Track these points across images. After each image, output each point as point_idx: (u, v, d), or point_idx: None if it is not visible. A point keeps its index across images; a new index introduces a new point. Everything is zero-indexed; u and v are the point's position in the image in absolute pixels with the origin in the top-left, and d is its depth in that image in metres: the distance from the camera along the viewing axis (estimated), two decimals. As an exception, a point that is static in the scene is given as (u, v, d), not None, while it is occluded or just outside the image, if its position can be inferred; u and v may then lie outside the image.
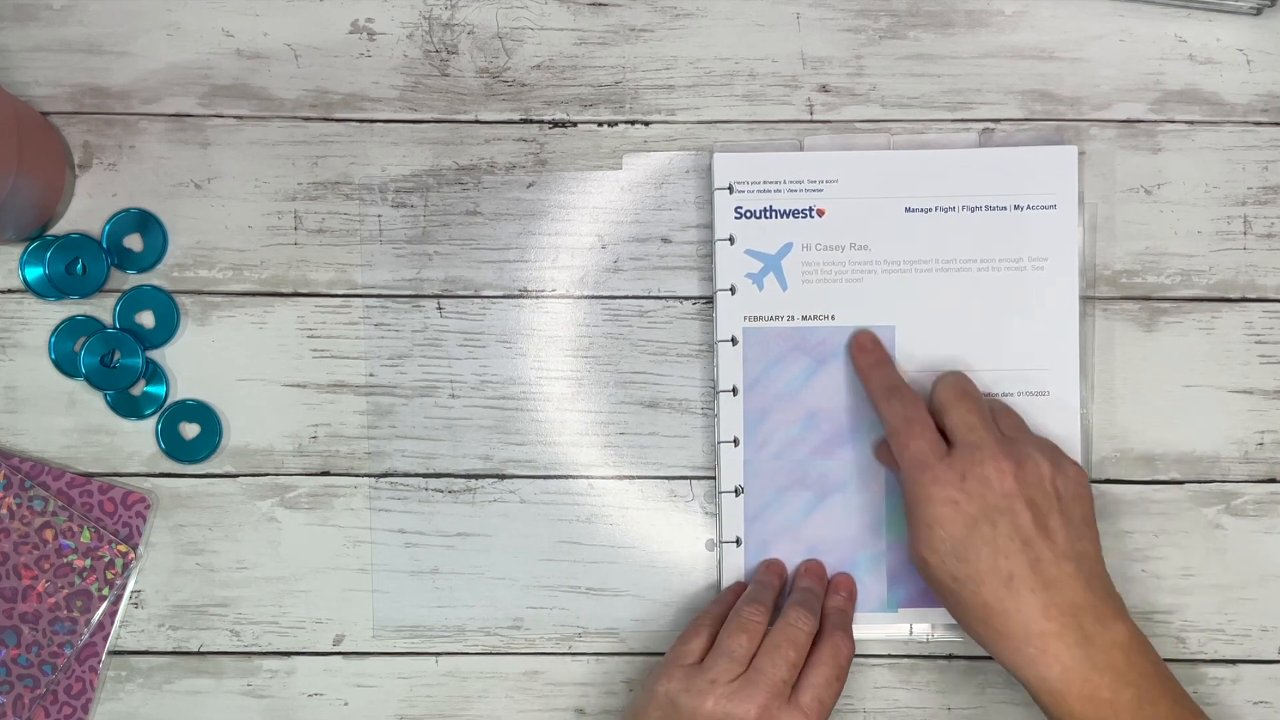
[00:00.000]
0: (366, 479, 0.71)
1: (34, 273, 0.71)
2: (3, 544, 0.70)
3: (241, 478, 0.71)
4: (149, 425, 0.71)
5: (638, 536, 0.71)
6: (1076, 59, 0.71)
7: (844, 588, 0.69)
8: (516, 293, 0.71)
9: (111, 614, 0.71)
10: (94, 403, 0.71)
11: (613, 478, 0.71)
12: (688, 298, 0.71)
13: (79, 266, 0.71)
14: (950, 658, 0.71)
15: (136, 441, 0.71)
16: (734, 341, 0.70)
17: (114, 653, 0.71)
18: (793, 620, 0.64)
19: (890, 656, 0.71)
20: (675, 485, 0.71)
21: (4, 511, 0.70)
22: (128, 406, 0.71)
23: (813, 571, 0.69)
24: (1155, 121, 0.71)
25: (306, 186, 0.71)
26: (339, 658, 0.71)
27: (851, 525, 0.70)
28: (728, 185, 0.70)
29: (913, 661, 0.71)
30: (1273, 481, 0.71)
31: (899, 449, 0.64)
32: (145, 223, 0.71)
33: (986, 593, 0.61)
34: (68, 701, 0.70)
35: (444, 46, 0.71)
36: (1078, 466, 0.65)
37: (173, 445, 0.71)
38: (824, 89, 0.71)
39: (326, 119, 0.71)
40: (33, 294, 0.71)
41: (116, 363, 0.71)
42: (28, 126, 0.66)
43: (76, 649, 0.70)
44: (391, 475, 0.71)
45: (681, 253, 0.71)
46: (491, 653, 0.71)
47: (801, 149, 0.71)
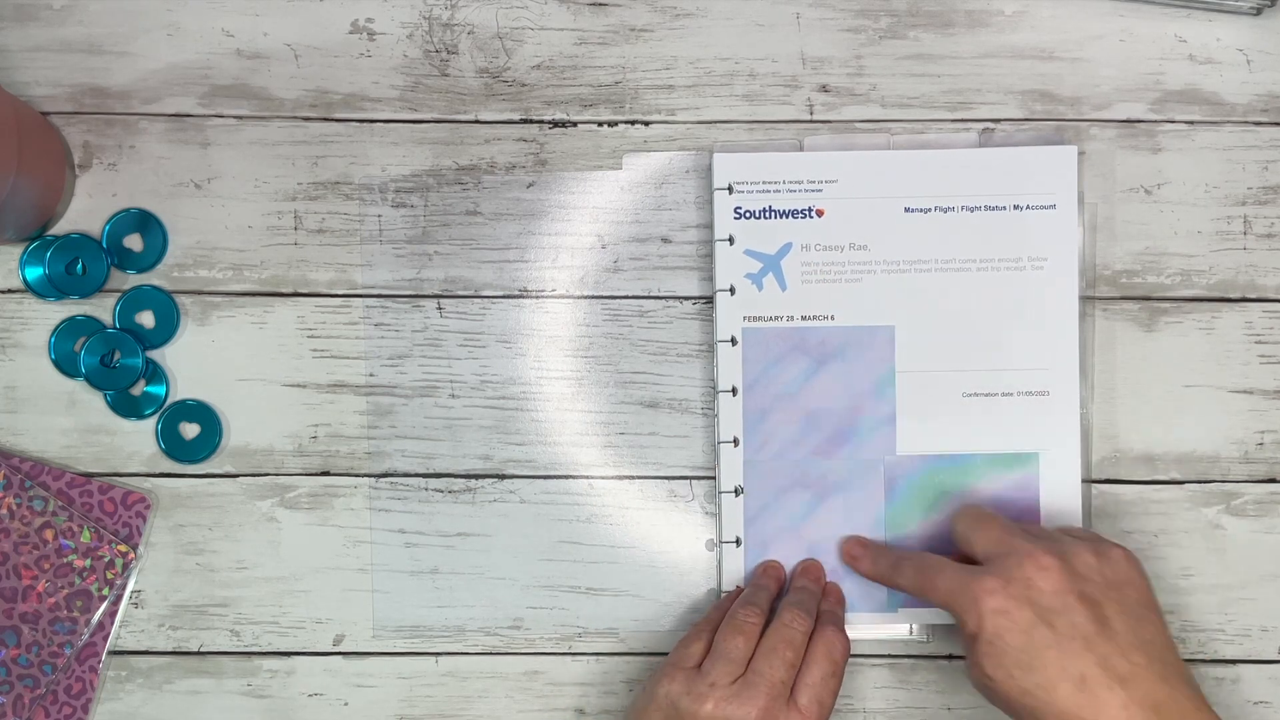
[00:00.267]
0: (366, 479, 0.71)
1: (34, 273, 0.71)
2: (3, 544, 0.70)
3: (241, 478, 0.71)
4: (149, 425, 0.71)
5: (638, 536, 0.71)
6: (1076, 59, 0.71)
7: (832, 594, 0.69)
8: (516, 293, 0.71)
9: (111, 614, 0.71)
10: (94, 403, 0.71)
11: (613, 478, 0.71)
12: (688, 298, 0.71)
13: (79, 266, 0.71)
14: (950, 658, 0.71)
15: (136, 441, 0.71)
16: (734, 341, 0.70)
17: (114, 653, 0.71)
18: (788, 621, 0.64)
19: (890, 656, 0.71)
20: (675, 485, 0.71)
21: (4, 511, 0.70)
22: (128, 406, 0.71)
23: (809, 572, 0.69)
24: (1155, 121, 0.71)
25: (306, 186, 0.71)
26: (339, 658, 0.71)
27: (851, 525, 0.70)
28: (727, 185, 0.70)
29: (913, 661, 0.71)
30: (1273, 481, 0.71)
31: (933, 596, 0.63)
32: (145, 223, 0.71)
33: (1062, 699, 0.58)
34: (68, 701, 0.70)
35: (444, 46, 0.71)
36: (1122, 549, 0.62)
37: (173, 445, 0.71)
38: (824, 89, 0.71)
39: (326, 119, 0.71)
40: (33, 294, 0.71)
41: (116, 363, 0.71)
42: (28, 126, 0.66)
43: (76, 649, 0.70)
44: (391, 475, 0.71)
45: (681, 253, 0.71)
46: (491, 653, 0.71)
47: (801, 149, 0.71)
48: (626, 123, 0.71)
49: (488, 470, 0.71)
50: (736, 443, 0.70)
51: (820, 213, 0.70)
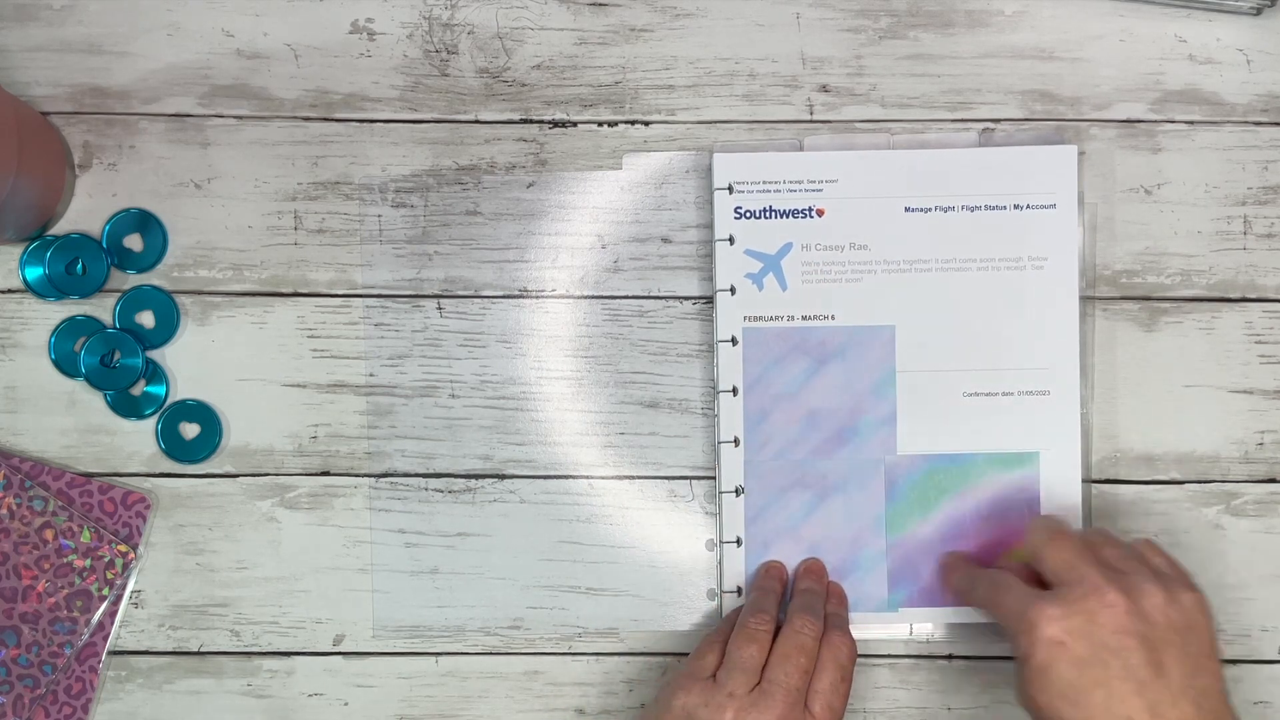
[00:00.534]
0: (366, 479, 0.71)
1: (34, 273, 0.71)
2: (3, 544, 0.70)
3: (241, 478, 0.71)
4: (149, 425, 0.71)
5: (638, 536, 0.71)
6: (1076, 59, 0.71)
7: (835, 595, 0.69)
8: (516, 293, 0.71)
9: (111, 614, 0.71)
10: (94, 403, 0.71)
11: (613, 478, 0.71)
12: (688, 298, 0.71)
13: (79, 266, 0.71)
14: (950, 658, 0.71)
15: (136, 441, 0.71)
16: (734, 341, 0.70)
17: (114, 653, 0.71)
18: (798, 627, 0.64)
19: (890, 656, 0.71)
20: (675, 485, 0.71)
21: (4, 511, 0.70)
22: (128, 406, 0.71)
23: (812, 571, 0.69)
24: (1155, 121, 0.71)
25: (306, 186, 0.71)
26: (339, 658, 0.71)
27: (851, 525, 0.70)
28: (727, 185, 0.70)
29: (913, 661, 0.71)
30: (1273, 481, 0.71)
31: (997, 613, 0.62)
32: (145, 223, 0.71)
33: None
34: (68, 701, 0.70)
35: (444, 46, 0.71)
36: (1195, 593, 0.60)
37: (173, 445, 0.71)
38: (824, 89, 0.71)
39: (326, 119, 0.71)
40: (33, 294, 0.71)
41: (116, 363, 0.71)
42: (28, 126, 0.66)
43: (76, 649, 0.70)
44: (391, 475, 0.71)
45: (681, 253, 0.71)
46: (491, 653, 0.71)
47: (801, 149, 0.71)
48: (626, 123, 0.71)
49: (488, 470, 0.71)
50: (737, 443, 0.70)
51: (820, 212, 0.70)
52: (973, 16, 0.71)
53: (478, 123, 0.71)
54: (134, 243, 0.71)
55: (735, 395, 0.70)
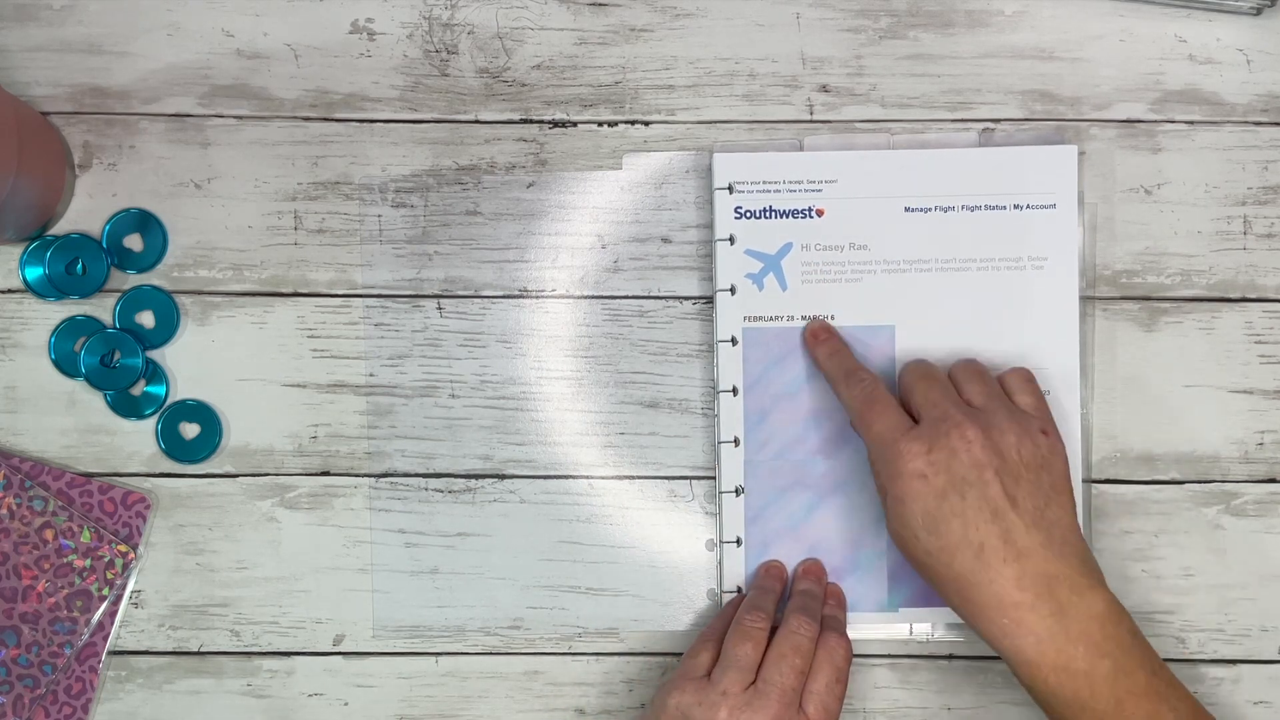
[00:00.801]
0: (366, 479, 0.71)
1: (34, 273, 0.71)
2: (3, 544, 0.70)
3: (241, 478, 0.71)
4: (149, 425, 0.71)
5: (638, 536, 0.71)
6: (1076, 59, 0.71)
7: (833, 596, 0.69)
8: (516, 293, 0.71)
9: (111, 614, 0.71)
10: (94, 403, 0.71)
11: (613, 478, 0.71)
12: (688, 298, 0.71)
13: (79, 266, 0.71)
14: (950, 658, 0.71)
15: (136, 441, 0.71)
16: (734, 341, 0.70)
17: (114, 653, 0.71)
18: (795, 628, 0.64)
19: (890, 656, 0.71)
20: (675, 485, 0.71)
21: (4, 511, 0.70)
22: (128, 406, 0.71)
23: (811, 572, 0.69)
24: (1155, 121, 0.71)
25: (306, 186, 0.71)
26: (339, 658, 0.71)
27: (851, 525, 0.70)
28: (727, 185, 0.70)
29: (913, 661, 0.71)
30: (1273, 481, 0.71)
31: (863, 430, 0.65)
32: (145, 223, 0.71)
33: (959, 565, 0.61)
34: (68, 701, 0.70)
35: (444, 46, 0.71)
36: (1051, 434, 0.64)
37: (173, 445, 0.71)
38: (824, 89, 0.71)
39: (326, 119, 0.71)
40: (33, 294, 0.71)
41: (116, 363, 0.71)
42: (28, 126, 0.66)
43: (76, 649, 0.70)
44: (391, 475, 0.71)
45: (681, 253, 0.71)
46: (491, 653, 0.71)
47: (801, 149, 0.71)
48: (626, 123, 0.71)
49: (488, 470, 0.71)
50: (737, 443, 0.70)
51: (820, 212, 0.70)
52: (973, 16, 0.71)
53: (478, 123, 0.71)
54: (134, 243, 0.71)
55: (735, 395, 0.70)
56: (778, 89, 0.71)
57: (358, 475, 0.71)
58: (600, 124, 0.71)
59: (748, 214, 0.70)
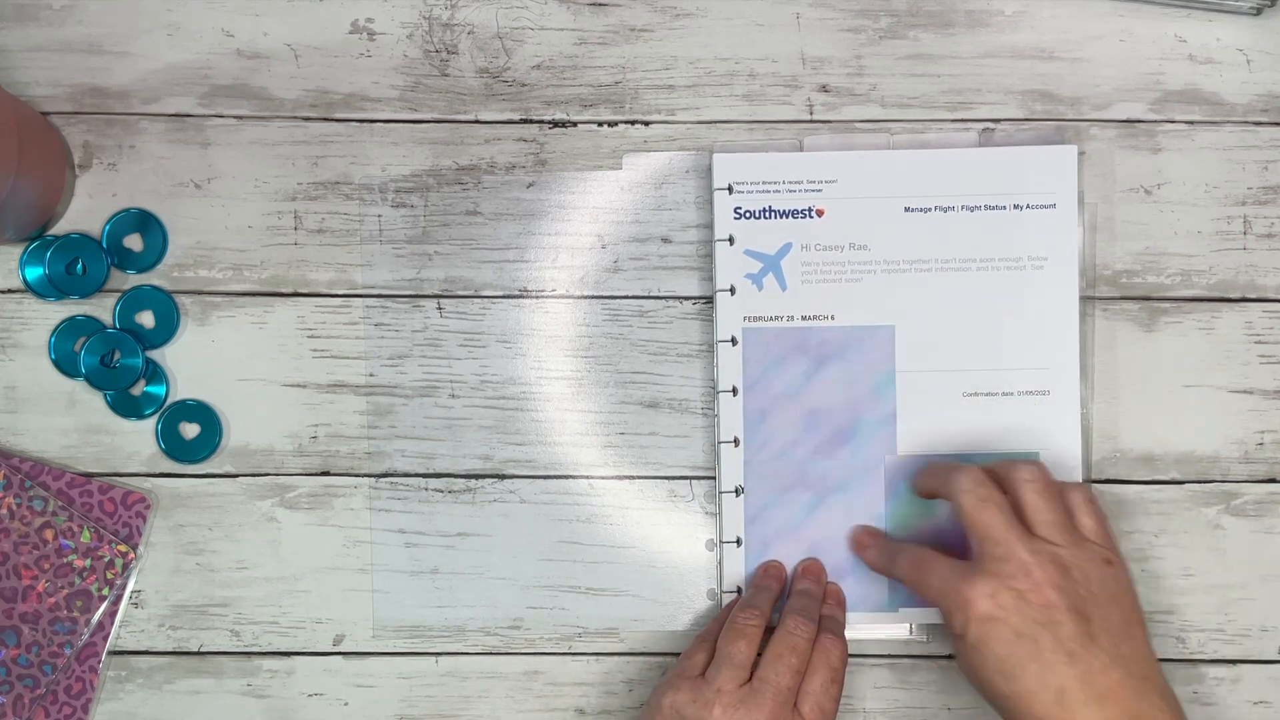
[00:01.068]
0: (366, 479, 0.71)
1: (34, 273, 0.71)
2: (3, 544, 0.70)
3: (241, 478, 0.71)
4: (149, 425, 0.71)
5: (638, 536, 0.71)
6: (1076, 59, 0.71)
7: (832, 596, 0.69)
8: (516, 293, 0.71)
9: (111, 614, 0.71)
10: (94, 403, 0.71)
11: (613, 478, 0.71)
12: (688, 298, 0.71)
13: (79, 266, 0.71)
14: (950, 658, 0.71)
15: (136, 441, 0.71)
16: (734, 341, 0.70)
17: (114, 653, 0.71)
18: (792, 628, 0.64)
19: (890, 656, 0.71)
20: (675, 485, 0.71)
21: (4, 511, 0.70)
22: (128, 406, 0.71)
23: (810, 572, 0.69)
24: (1155, 121, 0.71)
25: (306, 186, 0.71)
26: (339, 658, 0.71)
27: (851, 525, 0.70)
28: (727, 185, 0.70)
29: (913, 661, 0.71)
30: (1273, 481, 0.71)
31: (924, 591, 0.63)
32: (145, 223, 0.71)
33: (1040, 710, 0.59)
34: (68, 701, 0.70)
35: (444, 46, 0.71)
36: (1115, 563, 0.62)
37: (173, 445, 0.71)
38: (824, 89, 0.71)
39: (326, 119, 0.71)
40: (33, 294, 0.71)
41: (116, 363, 0.71)
42: (28, 126, 0.66)
43: (76, 649, 0.70)
44: (391, 475, 0.71)
45: (681, 253, 0.71)
46: (491, 653, 0.71)
47: (801, 149, 0.71)
48: (626, 123, 0.71)
49: (488, 470, 0.71)
50: (737, 443, 0.70)
51: (820, 213, 0.70)
52: (973, 16, 0.71)
53: (478, 123, 0.71)
54: (134, 243, 0.71)
55: (735, 395, 0.70)
56: (778, 89, 0.71)
57: (358, 475, 0.71)
58: (600, 124, 0.71)
59: (747, 214, 0.70)
